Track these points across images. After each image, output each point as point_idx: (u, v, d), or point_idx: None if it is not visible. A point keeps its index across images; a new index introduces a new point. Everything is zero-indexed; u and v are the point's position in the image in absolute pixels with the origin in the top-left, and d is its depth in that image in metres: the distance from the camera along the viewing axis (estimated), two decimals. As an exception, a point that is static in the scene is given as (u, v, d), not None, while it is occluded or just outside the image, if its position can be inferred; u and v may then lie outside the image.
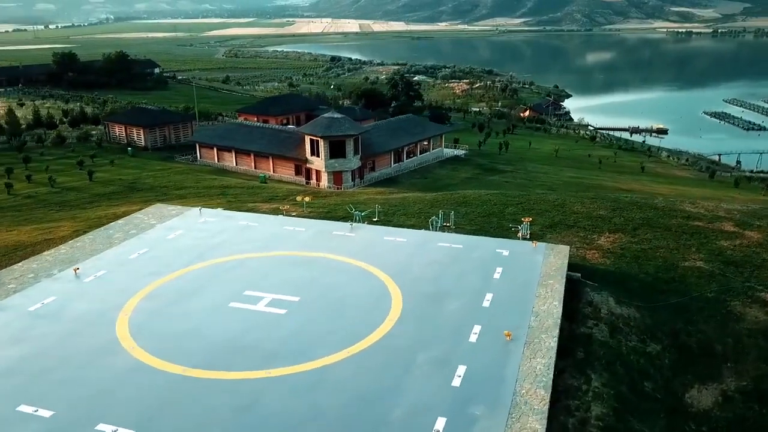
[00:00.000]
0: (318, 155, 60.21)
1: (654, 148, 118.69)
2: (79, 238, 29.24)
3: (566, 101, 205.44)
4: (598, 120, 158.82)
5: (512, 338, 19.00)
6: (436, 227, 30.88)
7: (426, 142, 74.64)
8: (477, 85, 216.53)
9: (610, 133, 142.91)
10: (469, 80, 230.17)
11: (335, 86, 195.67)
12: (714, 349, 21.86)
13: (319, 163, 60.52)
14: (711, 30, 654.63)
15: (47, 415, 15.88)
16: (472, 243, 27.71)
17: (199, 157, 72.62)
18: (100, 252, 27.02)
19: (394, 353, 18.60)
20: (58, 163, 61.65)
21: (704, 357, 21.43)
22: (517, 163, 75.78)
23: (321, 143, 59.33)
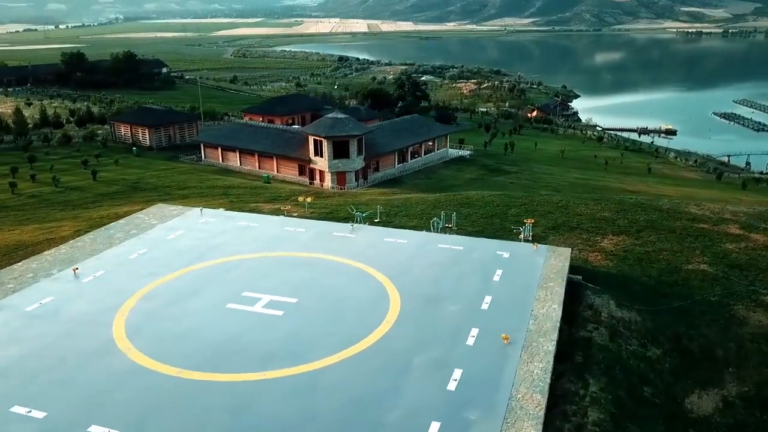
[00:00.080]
0: (321, 155, 60.17)
1: (662, 149, 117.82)
2: (79, 237, 29.30)
3: (574, 102, 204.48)
4: (607, 120, 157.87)
5: (510, 341, 18.84)
6: (437, 228, 30.71)
7: (431, 143, 74.40)
8: (485, 85, 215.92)
9: (618, 133, 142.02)
10: (476, 80, 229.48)
11: (339, 86, 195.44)
12: (716, 353, 21.57)
13: (322, 164, 60.47)
14: (721, 30, 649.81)
15: (40, 416, 15.88)
16: (473, 245, 27.55)
17: (203, 157, 72.72)
18: (100, 252, 27.06)
19: (391, 356, 18.48)
20: (63, 162, 61.89)
21: (706, 362, 21.14)
22: (523, 164, 75.40)
23: (324, 143, 59.28)
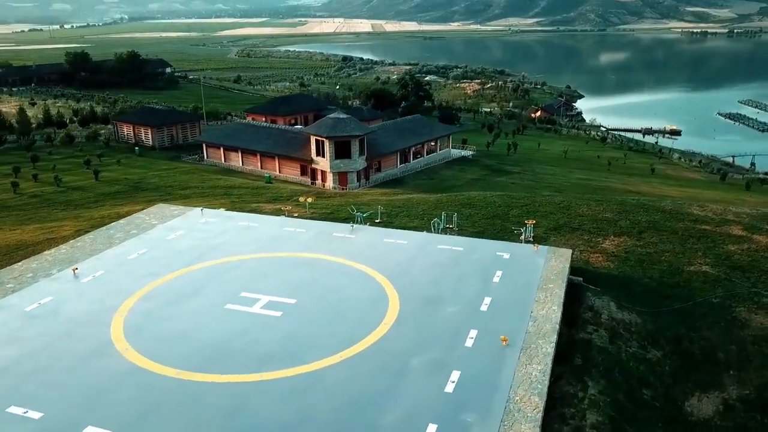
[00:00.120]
0: (323, 156, 60.09)
1: (666, 149, 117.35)
2: (80, 237, 29.30)
3: (578, 102, 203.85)
4: (611, 121, 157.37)
5: (509, 343, 18.73)
6: (438, 229, 30.60)
7: (433, 143, 74.19)
8: (488, 85, 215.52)
9: (623, 134, 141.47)
10: (480, 80, 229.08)
11: (341, 86, 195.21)
12: (717, 356, 21.41)
13: (324, 164, 60.39)
14: (727, 30, 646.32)
15: (36, 416, 15.86)
16: (473, 245, 27.44)
17: (206, 157, 72.69)
18: (100, 252, 27.06)
19: (388, 357, 18.40)
20: (65, 162, 61.99)
21: (706, 364, 20.99)
22: (525, 165, 75.16)
23: (326, 144, 59.20)
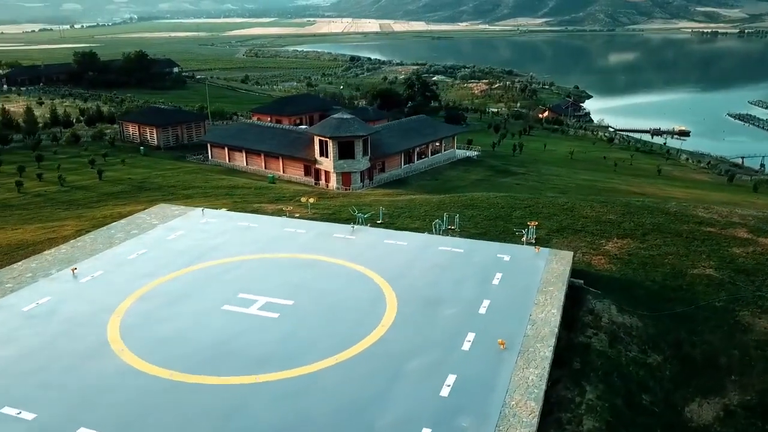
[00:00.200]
0: (327, 156, 60.00)
1: (674, 150, 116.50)
2: (80, 237, 29.33)
3: (587, 102, 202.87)
4: (619, 121, 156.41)
5: (506, 347, 18.54)
6: (439, 230, 30.41)
7: (438, 143, 73.94)
8: (496, 85, 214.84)
9: (631, 134, 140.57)
10: (488, 80, 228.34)
11: (345, 86, 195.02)
12: (719, 360, 21.12)
13: (327, 164, 60.31)
14: (737, 30, 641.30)
15: (30, 417, 15.83)
16: (474, 247, 27.25)
17: (210, 157, 72.80)
18: (100, 252, 27.07)
19: (385, 360, 18.26)
20: (70, 161, 62.19)
21: (708, 369, 20.70)
22: (531, 165, 74.75)
23: (330, 144, 59.11)
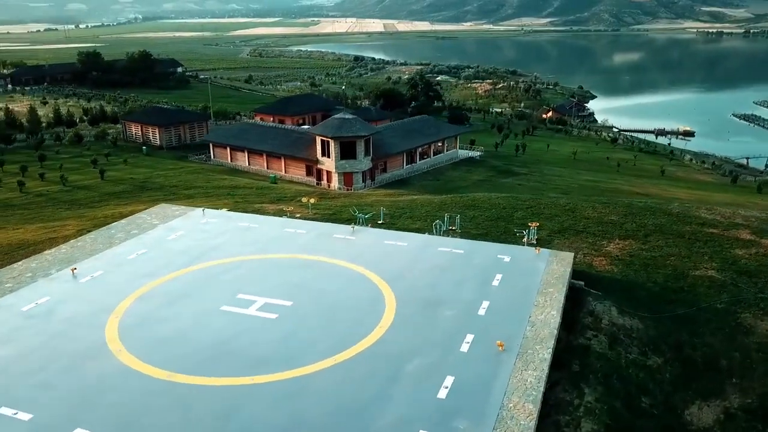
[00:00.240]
0: (328, 156, 59.98)
1: (678, 150, 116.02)
2: (81, 237, 29.32)
3: (591, 102, 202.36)
4: (623, 122, 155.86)
5: (505, 349, 18.42)
6: (439, 231, 30.30)
7: (440, 144, 73.80)
8: (500, 85, 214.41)
9: (635, 135, 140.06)
10: (492, 80, 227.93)
11: (347, 86, 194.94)
12: (719, 363, 20.95)
13: (329, 164, 60.26)
14: (743, 30, 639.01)
15: (26, 418, 15.79)
16: (474, 248, 27.12)
17: (212, 157, 72.82)
18: (100, 252, 27.05)
19: (382, 362, 18.17)
20: (73, 161, 62.30)
21: (708, 372, 20.54)
22: (533, 166, 74.53)
23: (331, 144, 59.07)
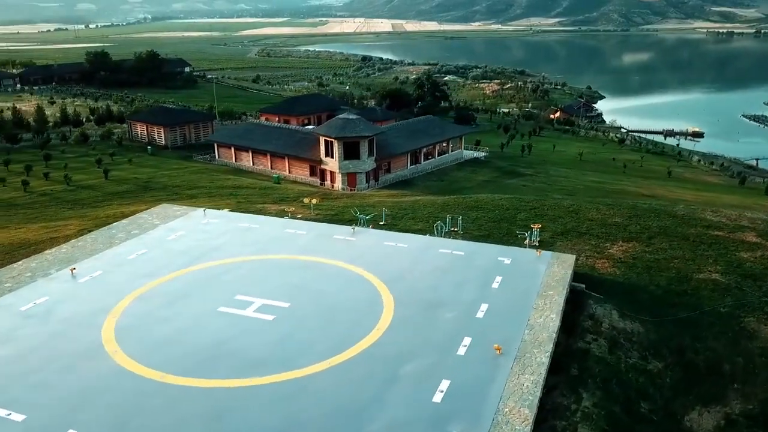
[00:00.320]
0: (332, 156, 59.91)
1: (686, 152, 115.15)
2: (81, 237, 29.34)
3: (599, 103, 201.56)
4: (632, 122, 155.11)
5: (502, 352, 18.22)
6: (441, 233, 30.09)
7: (445, 144, 73.48)
8: (508, 85, 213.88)
9: (643, 135, 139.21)
10: (500, 81, 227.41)
11: (352, 85, 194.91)
12: (722, 368, 20.66)
13: (333, 165, 60.19)
14: (753, 30, 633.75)
15: (19, 419, 15.75)
16: (475, 250, 26.92)
17: (217, 157, 72.94)
18: (100, 252, 27.03)
19: (378, 364, 18.01)
20: (78, 161, 62.51)
21: (710, 377, 20.25)
22: (539, 167, 74.12)
23: (335, 144, 58.99)
